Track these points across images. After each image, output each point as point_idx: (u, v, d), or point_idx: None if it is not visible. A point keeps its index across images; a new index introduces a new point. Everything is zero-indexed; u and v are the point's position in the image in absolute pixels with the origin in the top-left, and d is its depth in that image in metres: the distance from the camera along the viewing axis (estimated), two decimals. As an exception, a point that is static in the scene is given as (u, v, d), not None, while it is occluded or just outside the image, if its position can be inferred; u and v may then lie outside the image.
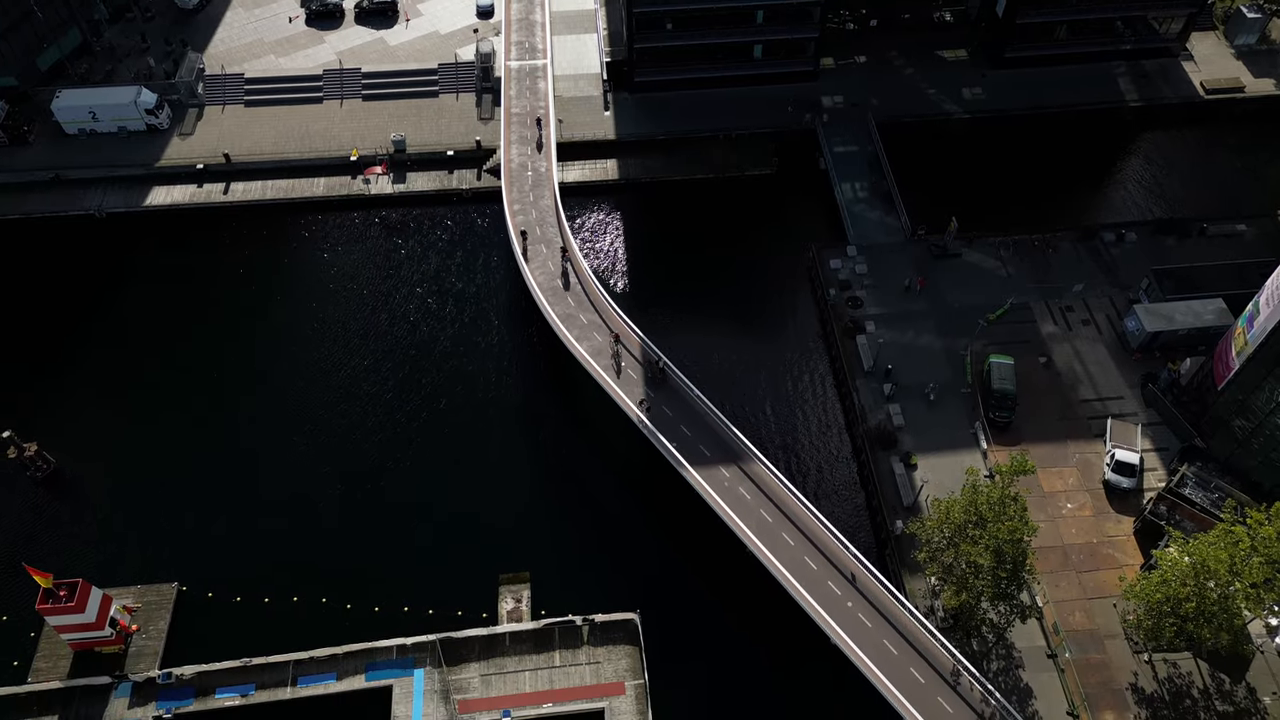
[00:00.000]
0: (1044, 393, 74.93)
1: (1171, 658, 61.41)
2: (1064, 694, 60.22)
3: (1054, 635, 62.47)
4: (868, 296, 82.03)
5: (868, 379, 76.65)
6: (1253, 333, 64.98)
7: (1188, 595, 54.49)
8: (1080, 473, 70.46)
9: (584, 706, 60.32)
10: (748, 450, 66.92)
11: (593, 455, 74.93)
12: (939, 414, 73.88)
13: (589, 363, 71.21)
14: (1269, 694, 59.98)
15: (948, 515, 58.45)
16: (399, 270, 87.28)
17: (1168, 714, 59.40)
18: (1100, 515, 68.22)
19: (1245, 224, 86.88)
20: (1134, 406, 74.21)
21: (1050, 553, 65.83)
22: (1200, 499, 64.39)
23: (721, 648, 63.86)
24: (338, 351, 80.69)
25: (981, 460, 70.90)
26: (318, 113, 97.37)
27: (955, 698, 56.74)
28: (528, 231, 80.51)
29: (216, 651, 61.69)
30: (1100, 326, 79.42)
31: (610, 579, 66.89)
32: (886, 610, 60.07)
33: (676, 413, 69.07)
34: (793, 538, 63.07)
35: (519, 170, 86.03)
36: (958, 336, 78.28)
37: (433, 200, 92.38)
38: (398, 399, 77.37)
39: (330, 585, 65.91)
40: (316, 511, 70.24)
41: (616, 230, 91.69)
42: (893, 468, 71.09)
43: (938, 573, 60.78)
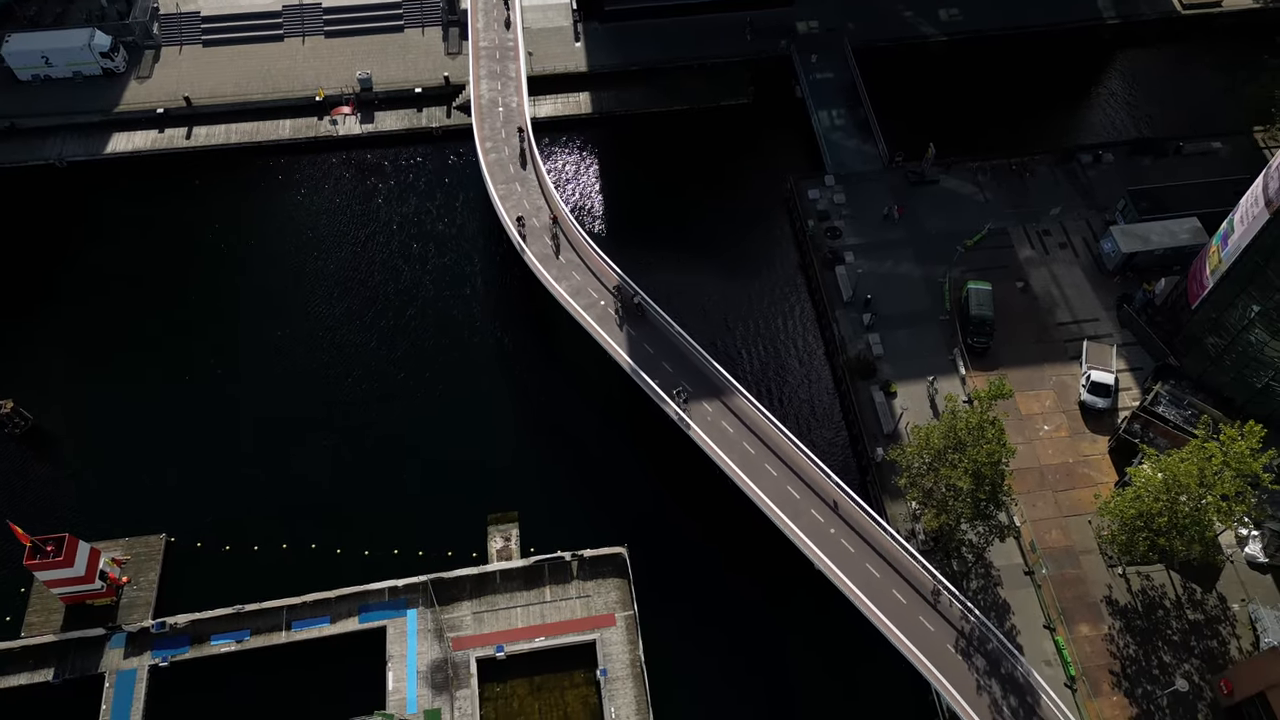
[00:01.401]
0: (1021, 317, 75.49)
1: (1144, 570, 63.30)
2: (1041, 609, 62.12)
3: (1031, 553, 64.14)
4: (846, 226, 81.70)
5: (847, 309, 76.84)
6: (1227, 250, 65.47)
7: (1160, 510, 55.91)
8: (1057, 395, 71.50)
9: (576, 639, 61.65)
10: (730, 384, 67.26)
11: (576, 394, 75.12)
12: (919, 343, 74.38)
13: (569, 303, 70.84)
14: (1238, 601, 62.13)
15: (927, 441, 59.32)
16: (376, 213, 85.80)
17: (1141, 624, 61.49)
18: (1076, 435, 69.47)
19: (1221, 142, 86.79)
20: (1109, 328, 75.01)
21: (1027, 474, 67.17)
22: (1174, 416, 65.62)
23: (708, 577, 65.14)
24: (317, 299, 79.74)
25: (960, 386, 71.71)
26: (279, 51, 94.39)
27: (936, 616, 58.39)
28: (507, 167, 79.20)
29: (209, 600, 62.24)
30: (1077, 249, 79.71)
31: (597, 515, 67.71)
32: (869, 535, 61.31)
33: (658, 350, 69.13)
34: (775, 468, 63.89)
35: (489, 106, 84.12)
36: (936, 264, 78.36)
37: (403, 140, 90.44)
38: (381, 345, 76.84)
39: (319, 531, 66.39)
40: (303, 459, 70.22)
41: (591, 166, 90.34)
42: (873, 396, 71.82)
43: (918, 497, 61.95)
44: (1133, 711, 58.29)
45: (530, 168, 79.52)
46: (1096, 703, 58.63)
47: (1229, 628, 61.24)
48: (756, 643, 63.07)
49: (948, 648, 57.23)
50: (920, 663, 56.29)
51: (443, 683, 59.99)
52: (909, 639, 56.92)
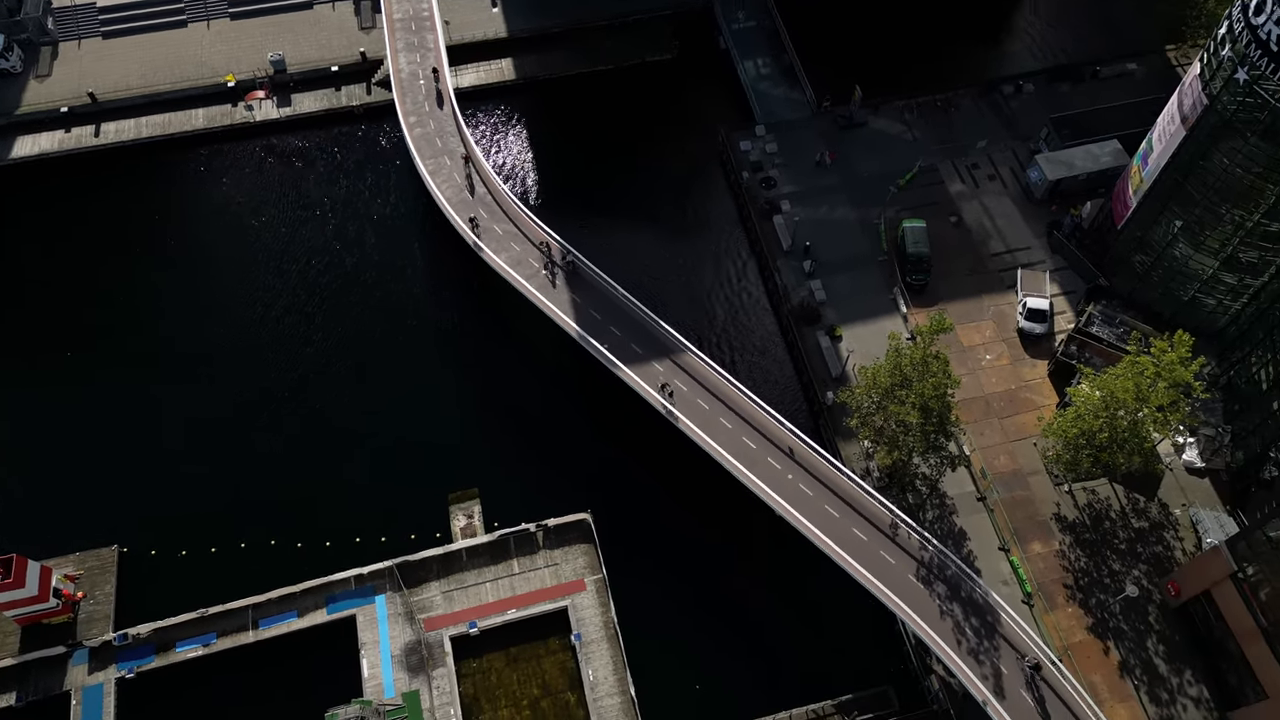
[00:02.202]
0: (956, 251, 76.85)
1: (1089, 486, 65.66)
2: (995, 531, 64.19)
3: (982, 479, 66.06)
4: (780, 175, 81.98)
5: (788, 258, 77.41)
6: (1147, 170, 67.24)
7: (1100, 426, 57.88)
8: (996, 324, 73.20)
9: (548, 607, 62.08)
10: (678, 342, 67.52)
11: (525, 366, 74.71)
12: (859, 285, 75.36)
13: (510, 274, 70.16)
14: (1179, 507, 64.88)
15: (875, 380, 60.42)
16: (307, 199, 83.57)
17: (1089, 536, 63.93)
18: (1017, 362, 71.36)
19: (1135, 63, 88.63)
20: (1041, 254, 76.79)
21: (973, 403, 68.91)
22: (1107, 335, 67.72)
23: (673, 534, 65.89)
24: (252, 291, 77.70)
25: (903, 324, 73.00)
26: (184, 38, 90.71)
27: (896, 549, 59.98)
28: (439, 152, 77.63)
29: (170, 607, 61.21)
30: (1005, 180, 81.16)
31: (558, 483, 67.82)
32: (825, 477, 62.50)
33: (605, 314, 68.96)
34: (730, 421, 64.56)
35: (410, 80, 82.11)
36: (870, 206, 79.19)
37: (324, 121, 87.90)
38: (324, 334, 75.36)
39: (277, 527, 65.50)
40: (252, 456, 68.95)
41: (521, 132, 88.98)
42: (819, 342, 72.76)
43: (870, 435, 63.21)
44: (1088, 621, 60.80)
45: (456, 138, 78.04)
46: (1053, 615, 61.02)
47: (1172, 532, 63.99)
48: (725, 592, 64.17)
49: (909, 578, 58.90)
50: (884, 595, 57.88)
51: (418, 664, 60.05)
52: (872, 574, 58.42)
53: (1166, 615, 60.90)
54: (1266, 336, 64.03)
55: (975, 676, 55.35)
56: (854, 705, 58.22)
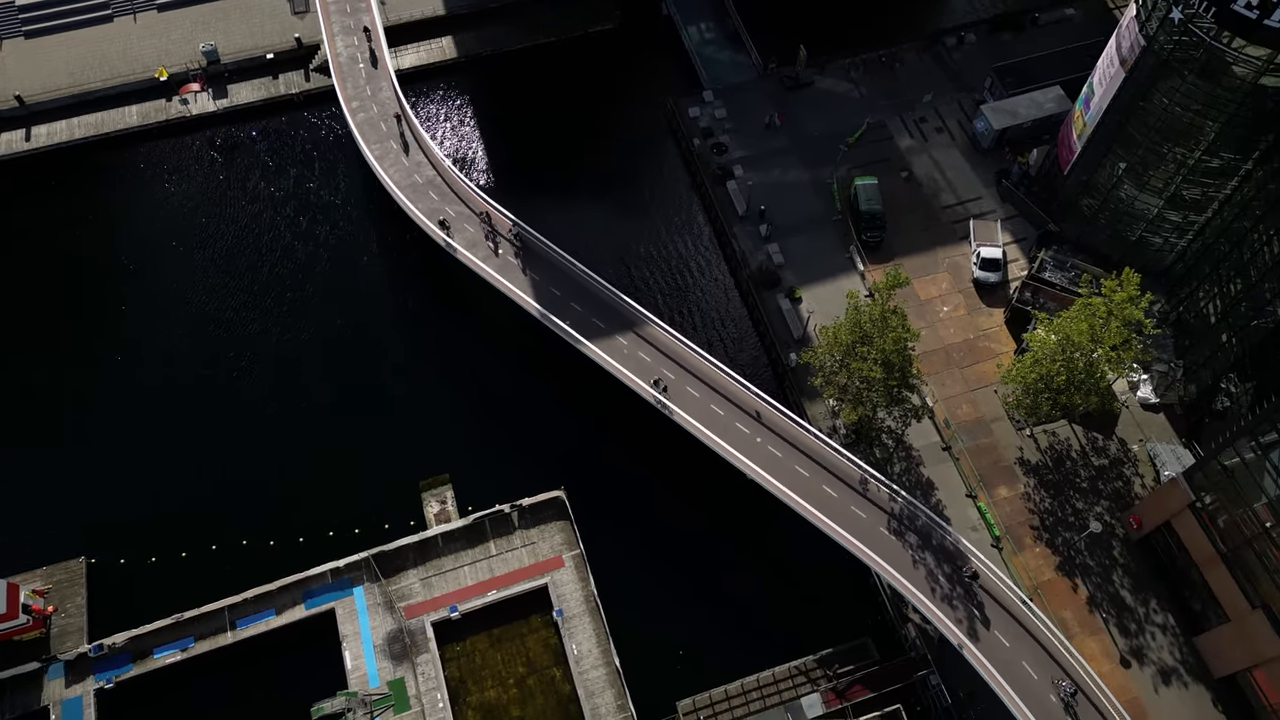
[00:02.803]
0: (909, 206, 77.50)
1: (1050, 428, 67.12)
2: (961, 479, 65.47)
3: (946, 429, 67.22)
4: (731, 140, 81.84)
5: (743, 223, 77.54)
6: (1089, 113, 68.14)
7: (1058, 369, 59.09)
8: (951, 276, 74.12)
9: (527, 586, 62.28)
10: (640, 314, 67.50)
11: (488, 347, 74.24)
12: (816, 246, 75.78)
13: (466, 256, 69.49)
14: (1136, 442, 66.60)
15: (836, 339, 61.01)
16: (255, 192, 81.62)
17: (1052, 478, 65.46)
18: (974, 312, 72.42)
19: (1073, 8, 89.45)
20: (992, 204, 77.71)
21: (933, 355, 69.91)
22: (1059, 280, 68.89)
23: (647, 504, 66.29)
24: (207, 291, 76.05)
25: (860, 282, 73.63)
26: (111, 33, 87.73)
27: (866, 503, 60.96)
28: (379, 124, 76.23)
29: (144, 614, 60.39)
30: (953, 132, 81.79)
31: (529, 463, 67.79)
32: (793, 438, 63.16)
33: (565, 290, 68.67)
34: (697, 389, 64.86)
35: (349, 64, 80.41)
36: (822, 166, 79.47)
37: (265, 111, 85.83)
38: (284, 329, 74.17)
39: (247, 526, 64.81)
40: (217, 458, 67.93)
41: (467, 113, 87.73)
42: (779, 305, 73.19)
43: (834, 394, 63.92)
44: (1055, 560, 62.44)
45: (402, 122, 76.75)
46: (1021, 557, 62.55)
47: (1131, 468, 65.72)
48: (702, 558, 64.84)
49: (881, 531, 59.95)
50: (857, 549, 58.87)
51: (401, 652, 60.07)
52: (844, 529, 59.38)
53: (1130, 548, 62.70)
54: (1212, 271, 65.59)
55: (950, 621, 56.67)
56: (835, 658, 59.36)
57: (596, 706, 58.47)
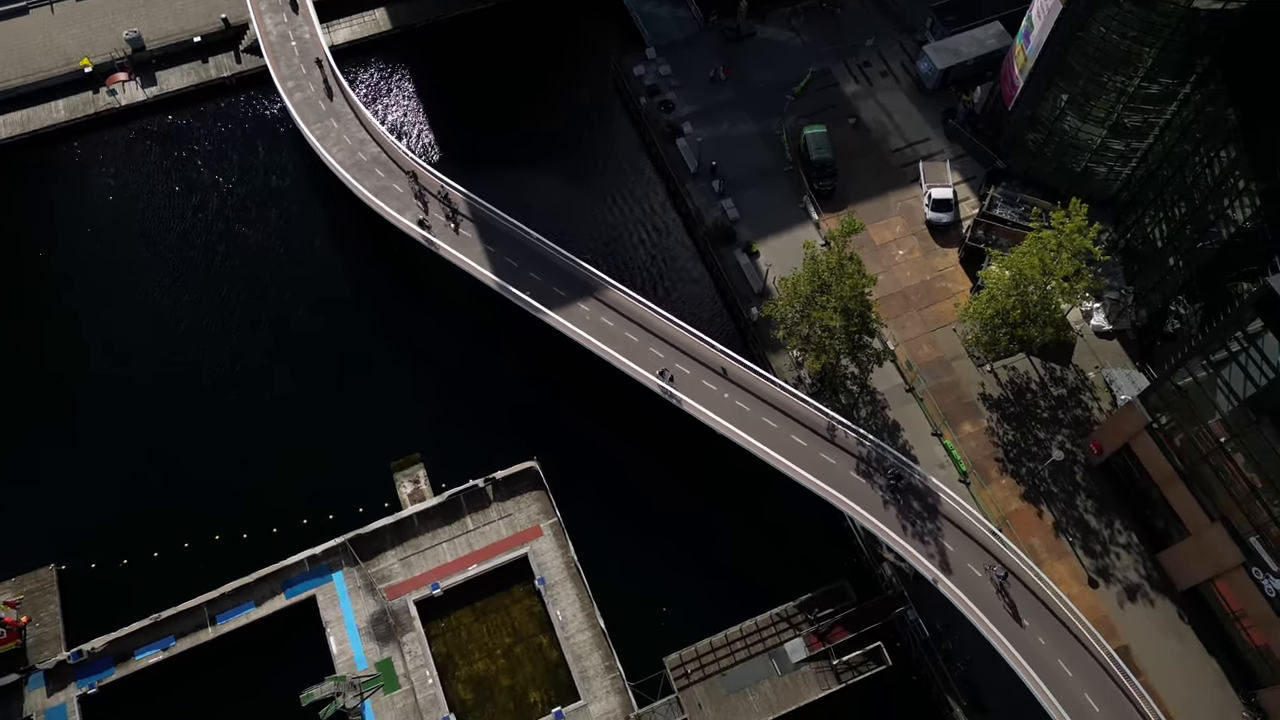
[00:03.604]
0: (859, 152, 77.67)
1: (1009, 363, 68.38)
2: (926, 419, 66.61)
3: (908, 371, 68.20)
4: (677, 97, 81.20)
5: (696, 180, 77.28)
6: (1030, 47, 68.52)
7: (1013, 304, 60.07)
8: (904, 219, 74.68)
9: (507, 557, 62.55)
10: (600, 279, 67.25)
11: (449, 324, 73.57)
12: (769, 198, 75.82)
13: (418, 233, 68.57)
14: (1092, 369, 68.11)
15: (795, 290, 61.36)
16: (199, 181, 79.61)
17: (1014, 410, 66.85)
18: (928, 254, 73.15)
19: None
20: (940, 144, 78.16)
21: (891, 299, 70.64)
22: (1010, 215, 69.76)
23: (622, 467, 66.68)
24: (159, 287, 74.35)
25: (816, 231, 73.93)
26: (29, 25, 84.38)
27: (835, 449, 61.83)
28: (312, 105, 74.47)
29: (122, 617, 59.76)
30: (897, 75, 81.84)
31: (499, 436, 67.71)
32: (760, 391, 63.68)
33: (522, 261, 68.12)
34: (661, 349, 65.00)
35: (280, 42, 78.23)
36: (770, 117, 79.23)
37: (197, 97, 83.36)
38: (241, 319, 73.02)
39: (219, 521, 64.16)
40: (182, 454, 66.93)
41: (407, 85, 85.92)
42: (737, 260, 73.32)
43: (797, 344, 64.45)
44: (1020, 489, 64.00)
45: (340, 99, 75.05)
46: (989, 489, 64.04)
47: (1089, 395, 67.29)
48: (678, 516, 65.51)
49: (851, 475, 60.94)
50: (829, 495, 59.81)
51: (386, 633, 60.21)
52: (815, 476, 60.24)
53: (1092, 473, 64.43)
54: (1156, 197, 66.79)
55: (923, 557, 58.01)
56: (814, 603, 60.56)
57: (585, 669, 59.23)
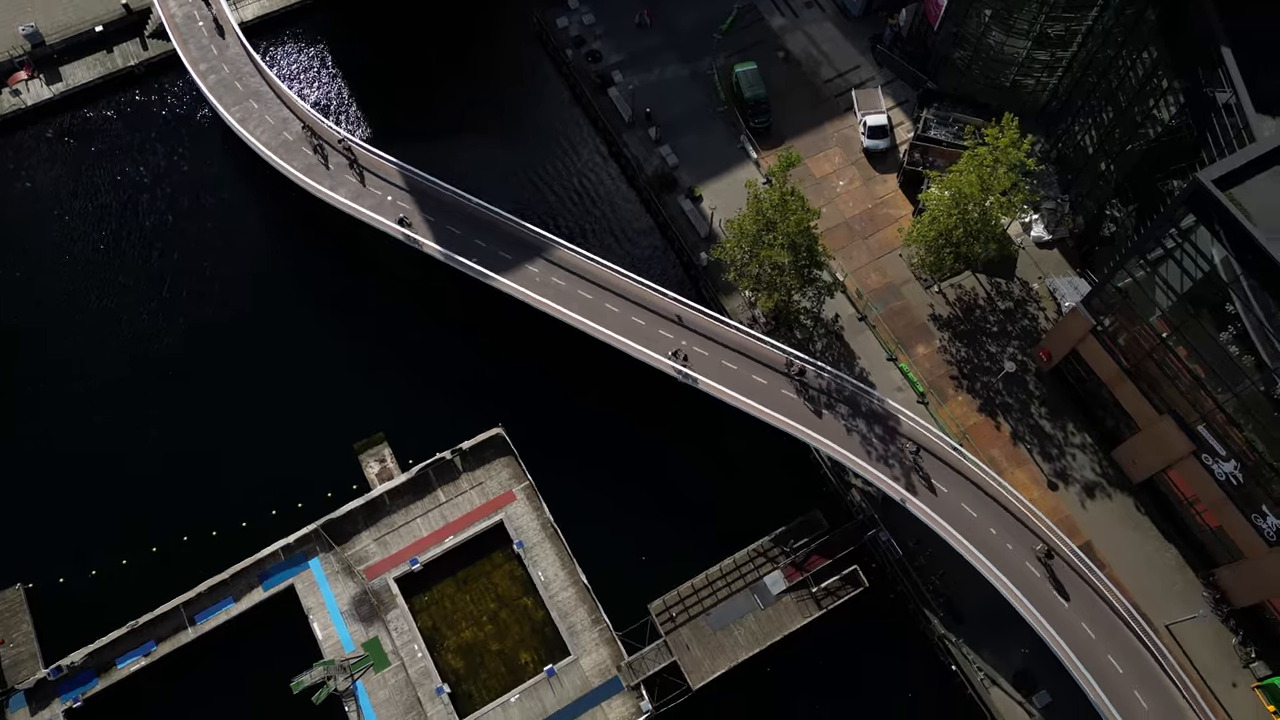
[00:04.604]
0: (791, 86, 77.42)
1: (955, 281, 69.54)
2: (880, 345, 67.68)
3: (859, 300, 69.04)
4: (604, 46, 79.93)
5: (632, 129, 76.50)
6: (951, -34, 68.47)
7: (955, 223, 60.87)
8: (842, 150, 74.90)
9: (483, 525, 62.68)
10: (546, 239, 66.66)
11: (398, 299, 72.41)
12: (707, 141, 75.43)
13: (354, 209, 67.16)
14: (1036, 280, 69.57)
15: (741, 231, 61.46)
16: (125, 178, 76.60)
17: (965, 327, 68.20)
18: (869, 182, 73.61)
19: None
20: (871, 71, 78.18)
21: (836, 230, 71.15)
22: (944, 136, 70.30)
23: (588, 424, 66.80)
24: (100, 290, 71.98)
25: (756, 169, 73.88)
26: (-86, 30, 79.90)
27: (795, 384, 62.68)
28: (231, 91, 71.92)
29: (98, 629, 58.96)
30: (822, 4, 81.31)
31: (461, 406, 67.39)
32: (716, 335, 64.08)
33: (465, 228, 67.19)
34: (615, 304, 64.91)
35: (187, 23, 75.22)
36: (699, 58, 78.50)
37: (107, 89, 79.83)
38: (187, 317, 71.15)
39: (186, 522, 63.17)
40: (141, 458, 65.62)
41: (327, 59, 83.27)
42: (681, 206, 73.08)
43: (748, 284, 64.77)
44: (977, 403, 65.60)
45: (260, 78, 72.65)
46: (946, 407, 65.54)
47: (1035, 305, 68.84)
48: (649, 466, 66.08)
49: (812, 408, 61.88)
50: (793, 429, 60.78)
51: (370, 613, 60.24)
52: (777, 412, 61.10)
53: (1043, 380, 66.22)
54: (1084, 104, 67.78)
55: (889, 479, 59.41)
56: (789, 535, 61.81)
57: (572, 625, 59.99)
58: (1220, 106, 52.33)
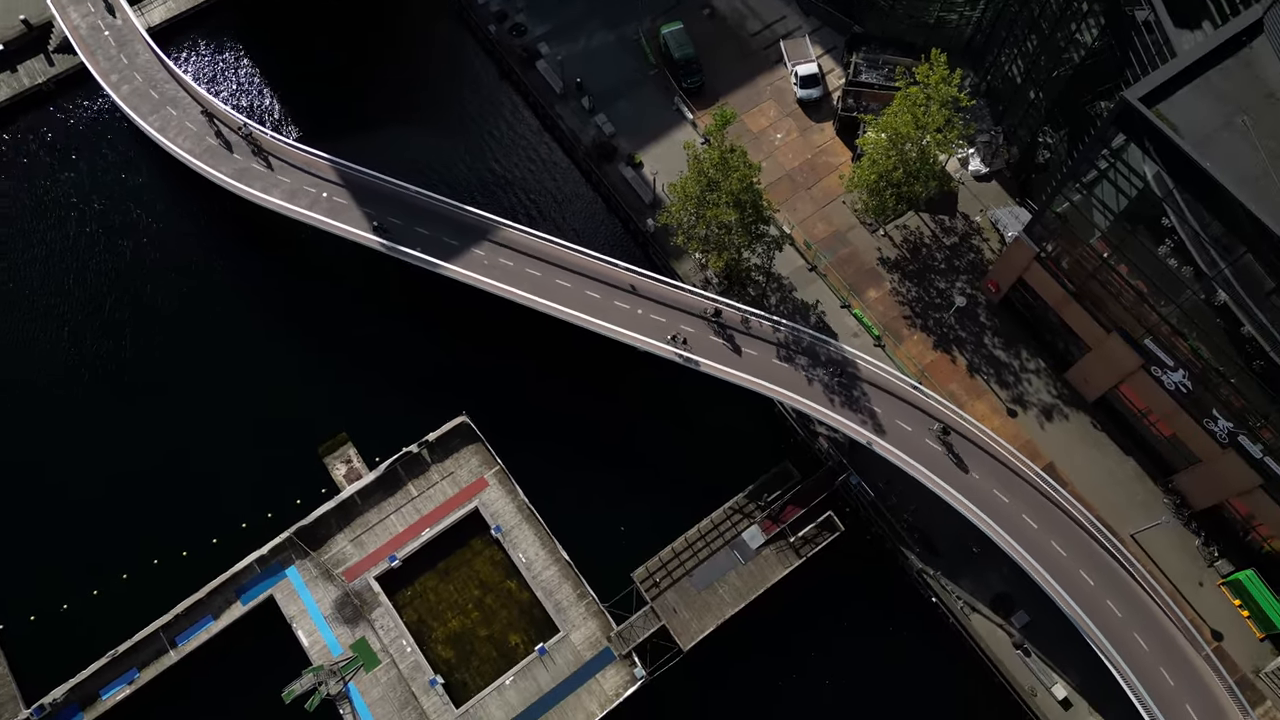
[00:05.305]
0: (719, 43, 76.97)
1: (900, 223, 70.20)
2: (833, 293, 68.27)
3: (808, 251, 69.44)
4: (528, 19, 78.67)
5: (565, 101, 75.60)
6: (866, -93, 68.25)
7: (893, 164, 61.32)
8: (776, 102, 74.83)
9: (459, 514, 62.43)
10: (489, 220, 65.88)
11: (344, 297, 71.13)
12: (641, 106, 74.84)
13: (291, 209, 65.69)
14: (978, 213, 70.49)
15: (685, 193, 61.27)
16: (49, 201, 73.89)
17: (913, 267, 69.00)
18: (805, 132, 73.72)
19: None
20: (798, 20, 77.98)
21: (779, 183, 71.30)
22: (875, 79, 70.53)
23: (552, 402, 66.66)
24: (41, 319, 69.90)
25: (693, 130, 73.57)
26: None
27: (753, 340, 63.02)
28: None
29: (78, 663, 57.84)
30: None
31: (422, 397, 66.80)
32: (671, 300, 64.05)
33: (405, 218, 66.09)
34: (567, 279, 64.50)
35: (93, 34, 72.43)
36: (625, 23, 77.68)
37: (16, 110, 76.69)
38: (133, 337, 69.47)
39: (154, 546, 62.05)
40: (97, 485, 64.11)
41: (242, 60, 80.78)
42: (622, 174, 72.61)
43: (698, 246, 64.74)
44: (932, 340, 66.60)
45: (175, 83, 70.38)
46: (903, 347, 66.47)
47: (979, 238, 69.80)
48: (618, 438, 66.30)
49: (773, 362, 62.37)
50: (755, 384, 61.22)
51: (354, 614, 59.89)
52: (738, 370, 61.48)
53: (994, 311, 67.38)
54: (1008, 34, 68.30)
55: (854, 424, 60.27)
56: (762, 489, 62.52)
57: (558, 602, 60.26)
58: (1140, 24, 53.09)
